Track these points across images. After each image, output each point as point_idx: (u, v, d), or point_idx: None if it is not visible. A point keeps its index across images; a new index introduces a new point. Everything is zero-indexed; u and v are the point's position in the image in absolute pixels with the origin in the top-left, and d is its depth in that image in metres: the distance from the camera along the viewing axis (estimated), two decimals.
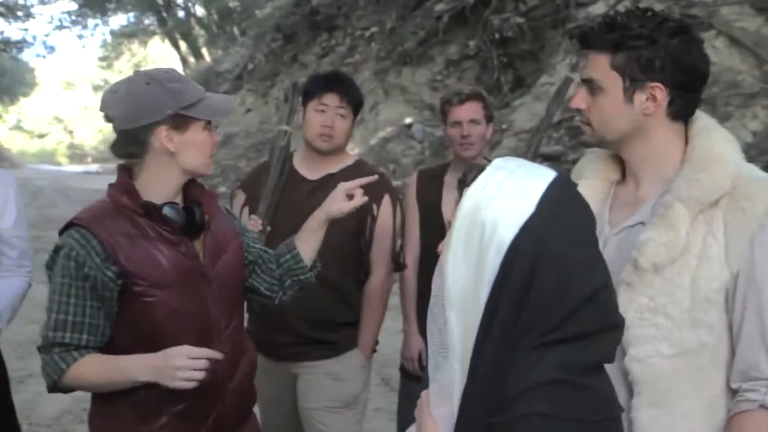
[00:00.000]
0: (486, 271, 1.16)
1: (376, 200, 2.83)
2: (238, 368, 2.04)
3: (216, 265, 2.00)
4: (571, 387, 1.16)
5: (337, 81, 2.89)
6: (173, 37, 28.47)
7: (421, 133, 11.18)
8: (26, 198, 15.96)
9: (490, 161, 1.28)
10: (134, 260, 1.86)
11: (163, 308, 1.89)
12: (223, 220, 2.10)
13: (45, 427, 4.56)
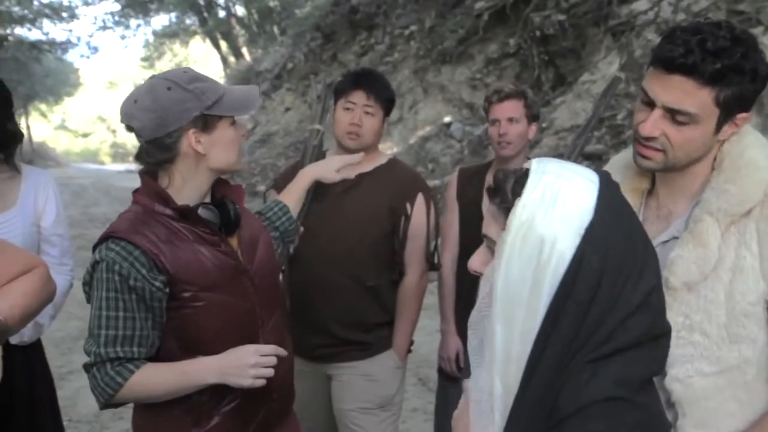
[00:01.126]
0: (545, 283, 1.12)
1: (409, 199, 2.81)
2: (283, 363, 1.98)
3: (254, 260, 2.00)
4: (628, 405, 1.12)
5: (365, 78, 2.85)
6: (214, 37, 28.72)
7: (460, 132, 11.11)
8: (69, 196, 16.32)
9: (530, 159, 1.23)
10: (180, 266, 1.83)
11: (212, 310, 1.87)
12: (248, 214, 2.10)
13: (85, 424, 4.59)
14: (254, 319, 1.97)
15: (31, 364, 2.65)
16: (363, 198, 2.78)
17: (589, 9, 10.06)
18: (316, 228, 2.69)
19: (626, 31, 9.14)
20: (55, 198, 2.71)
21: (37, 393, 2.66)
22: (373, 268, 2.75)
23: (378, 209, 2.78)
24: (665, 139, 1.55)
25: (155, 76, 1.89)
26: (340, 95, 2.83)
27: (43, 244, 2.67)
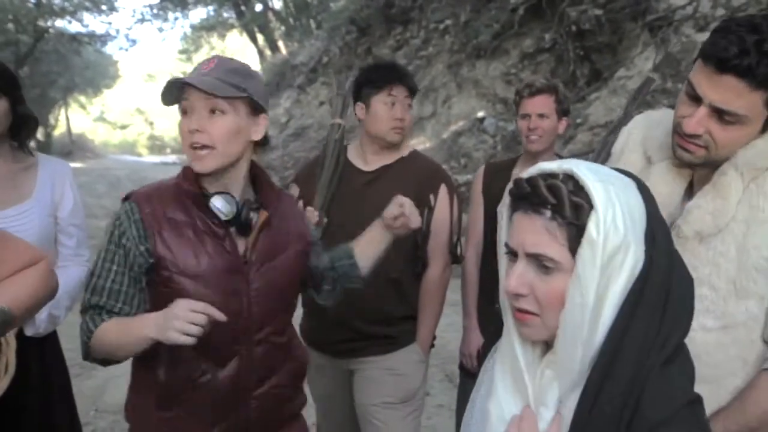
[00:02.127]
0: (611, 295, 1.11)
1: (433, 191, 2.80)
2: (274, 374, 1.97)
3: (264, 265, 1.94)
4: (701, 405, 1.13)
5: (401, 72, 2.86)
6: (251, 30, 28.86)
7: (494, 128, 11.05)
8: (105, 188, 16.52)
9: (560, 156, 1.20)
10: (168, 245, 1.84)
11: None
12: (294, 223, 2.05)
13: (111, 414, 4.64)
14: (241, 321, 1.89)
15: (47, 356, 2.64)
16: (385, 190, 2.75)
17: (626, 4, 9.92)
18: (338, 220, 2.70)
19: (664, 26, 9.02)
20: (72, 188, 2.69)
21: (52, 385, 2.65)
22: (395, 260, 2.71)
23: None
24: (709, 137, 1.52)
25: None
26: (378, 89, 2.80)
27: (59, 235, 2.66)
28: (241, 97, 1.83)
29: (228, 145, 1.83)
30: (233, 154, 1.85)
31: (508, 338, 1.25)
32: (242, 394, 1.92)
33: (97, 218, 11.78)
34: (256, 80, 1.89)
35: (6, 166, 2.56)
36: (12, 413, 2.41)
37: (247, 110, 1.86)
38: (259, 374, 1.94)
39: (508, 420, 1.21)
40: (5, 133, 2.52)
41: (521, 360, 1.22)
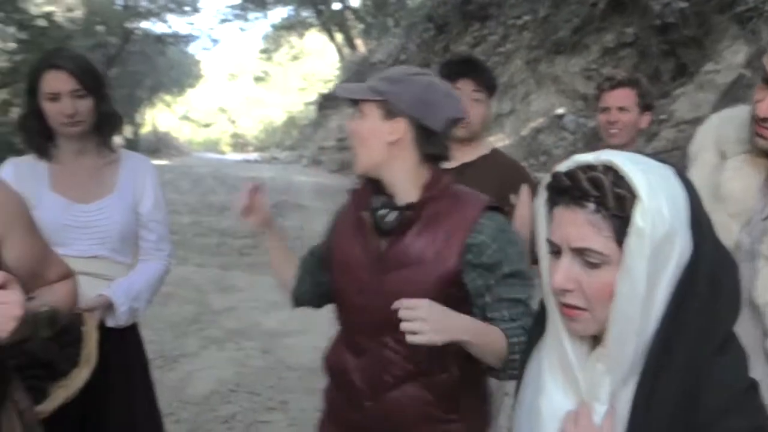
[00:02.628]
0: (661, 285, 1.09)
1: (514, 190, 2.77)
2: (402, 382, 1.90)
3: (387, 274, 1.90)
4: (757, 390, 1.11)
5: (470, 66, 2.84)
6: (329, 29, 29.16)
7: (574, 124, 10.87)
8: (188, 185, 16.89)
9: (640, 152, 1.18)
10: (338, 245, 2.03)
11: (338, 292, 2.03)
12: (435, 240, 1.87)
13: (193, 405, 4.73)
14: (366, 318, 1.93)
15: (127, 346, 2.69)
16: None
17: None
18: None
19: (754, 17, 8.70)
20: (153, 184, 2.73)
21: (132, 375, 2.71)
22: None
23: None
24: None
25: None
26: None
27: (140, 230, 2.71)
28: (376, 100, 1.87)
29: (363, 147, 1.91)
30: (372, 155, 1.90)
31: (554, 334, 1.23)
32: (372, 390, 1.93)
33: (180, 214, 12.11)
34: (405, 85, 1.88)
35: (90, 162, 2.64)
36: (95, 402, 2.49)
37: (381, 113, 1.87)
38: (382, 377, 1.90)
39: (560, 416, 1.19)
40: (90, 130, 2.61)
41: (571, 355, 1.20)
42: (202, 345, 5.97)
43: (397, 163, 1.89)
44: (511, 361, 1.77)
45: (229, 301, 7.27)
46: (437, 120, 1.87)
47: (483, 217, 1.85)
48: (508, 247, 1.84)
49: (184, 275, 7.95)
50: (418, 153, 1.89)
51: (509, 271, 1.83)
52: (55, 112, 2.50)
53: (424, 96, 1.86)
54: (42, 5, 21.34)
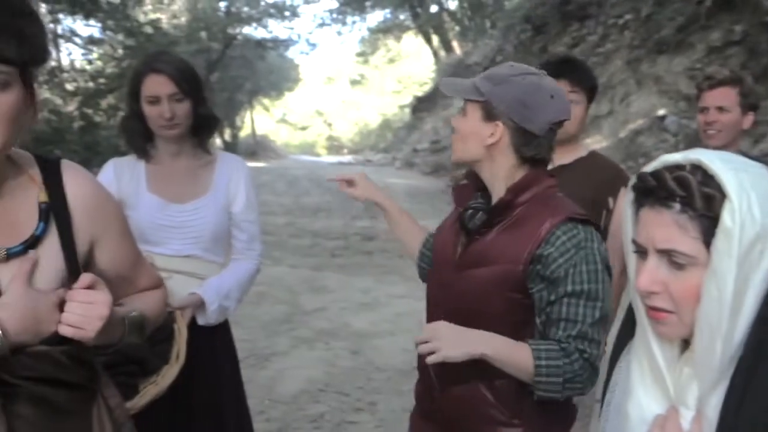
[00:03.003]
0: (751, 289, 1.05)
1: (612, 194, 2.69)
2: (462, 382, 1.92)
3: (462, 271, 1.92)
4: None
5: (567, 66, 2.76)
6: (426, 31, 29.20)
7: (676, 126, 10.51)
8: (284, 186, 17.19)
9: (745, 155, 1.12)
10: (436, 239, 2.12)
11: (427, 284, 2.11)
12: (510, 244, 1.85)
13: (283, 404, 4.79)
14: (441, 315, 1.91)
15: (217, 345, 2.73)
16: (561, 190, 2.69)
17: None
18: None
19: None
20: (246, 185, 2.76)
21: (221, 372, 2.74)
22: None
23: (578, 202, 2.68)
24: None
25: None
26: None
27: (233, 229, 2.75)
28: (478, 100, 1.88)
29: (461, 143, 1.94)
30: (467, 154, 1.93)
31: (643, 337, 1.20)
32: (441, 383, 1.98)
33: (275, 215, 12.34)
34: (505, 86, 1.86)
35: (186, 163, 2.70)
36: (184, 398, 2.55)
37: (481, 114, 1.88)
38: (450, 372, 1.89)
39: (648, 421, 1.16)
40: (187, 132, 2.66)
41: (660, 359, 1.16)
42: (292, 344, 6.06)
43: (494, 164, 1.90)
44: (538, 382, 1.76)
45: (320, 302, 7.35)
46: (538, 123, 1.84)
47: (559, 229, 1.80)
48: (578, 264, 1.78)
49: (277, 275, 8.08)
50: (515, 156, 1.88)
51: (572, 289, 1.78)
52: (155, 115, 2.56)
53: (525, 98, 1.83)
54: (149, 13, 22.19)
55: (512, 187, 1.87)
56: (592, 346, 1.78)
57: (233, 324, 2.86)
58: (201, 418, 2.66)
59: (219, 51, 27.73)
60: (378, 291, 7.74)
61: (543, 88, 1.85)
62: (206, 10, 26.92)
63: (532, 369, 1.76)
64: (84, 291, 1.37)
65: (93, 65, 17.23)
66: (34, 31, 1.29)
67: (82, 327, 1.34)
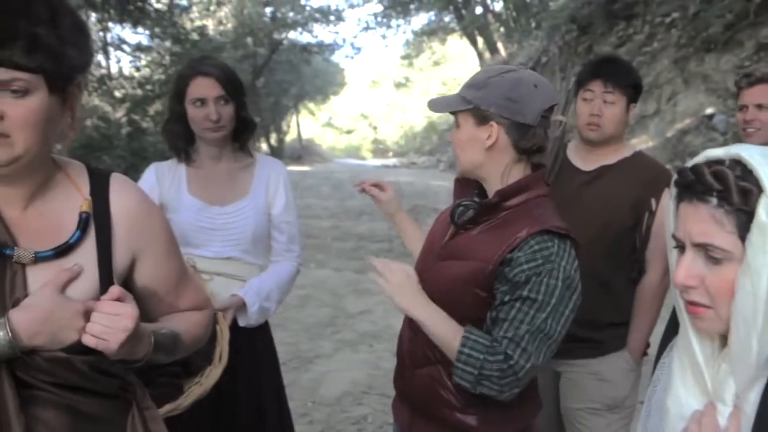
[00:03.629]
0: None
1: (655, 195, 2.66)
2: (429, 363, 1.99)
3: (444, 261, 1.98)
4: None
5: (604, 66, 2.74)
6: (470, 33, 29.08)
7: (724, 125, 10.31)
8: (329, 189, 17.28)
9: None
10: (431, 230, 2.16)
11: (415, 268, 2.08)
12: (486, 244, 1.88)
13: (326, 407, 4.81)
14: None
15: (258, 346, 2.76)
16: (605, 190, 2.68)
17: None
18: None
19: None
20: (285, 187, 2.80)
21: (262, 374, 2.77)
22: (610, 263, 2.64)
23: (621, 203, 2.66)
24: None
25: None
26: (581, 86, 2.76)
27: (272, 231, 2.78)
28: (467, 109, 1.92)
29: (464, 154, 1.97)
30: (470, 161, 1.96)
31: (684, 333, 1.19)
32: (411, 363, 2.06)
33: (320, 219, 12.42)
34: (489, 89, 1.89)
35: (226, 166, 2.75)
36: (226, 399, 2.58)
37: (474, 121, 1.92)
38: (417, 354, 2.01)
39: (687, 416, 1.16)
40: (229, 135, 2.71)
41: (699, 355, 1.16)
42: (336, 347, 6.08)
43: (494, 164, 1.93)
44: (455, 367, 1.81)
45: (363, 305, 7.37)
46: (529, 114, 1.87)
47: (533, 239, 1.81)
48: (541, 275, 1.79)
49: (321, 278, 8.14)
50: (514, 150, 1.92)
51: (526, 296, 1.79)
52: (201, 117, 2.61)
53: (510, 94, 1.87)
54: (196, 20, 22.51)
55: (501, 191, 1.90)
56: (522, 355, 1.77)
57: (277, 327, 2.90)
58: (242, 419, 2.69)
59: (265, 56, 28.00)
60: None
61: (524, 80, 1.89)
62: (252, 15, 27.16)
63: (455, 351, 1.81)
64: (111, 302, 1.36)
65: (141, 72, 17.56)
66: (54, 38, 1.28)
67: (105, 338, 1.33)
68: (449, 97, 2.02)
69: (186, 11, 20.39)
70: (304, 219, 2.89)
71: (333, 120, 49.49)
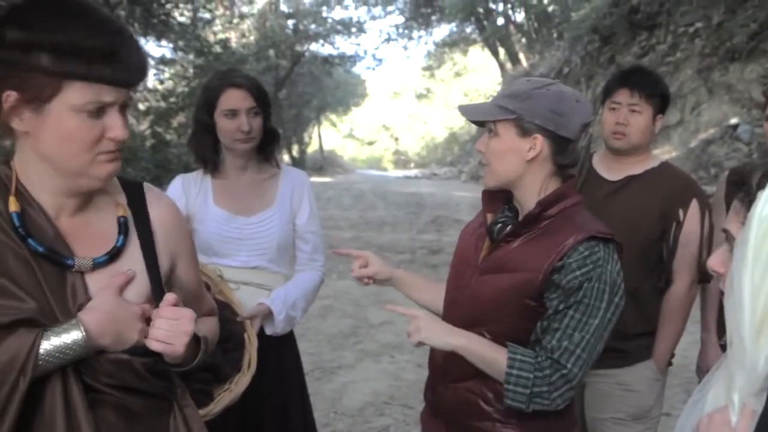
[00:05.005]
0: None
1: (682, 205, 2.65)
2: (468, 378, 1.96)
3: (484, 275, 1.96)
4: None
5: (631, 76, 2.75)
6: (492, 44, 29.08)
7: (749, 135, 10.23)
8: (350, 200, 17.26)
9: None
10: (459, 243, 2.14)
11: (447, 284, 2.12)
12: (532, 255, 1.87)
13: (348, 417, 4.82)
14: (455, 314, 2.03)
15: (284, 354, 2.78)
16: (631, 201, 2.67)
17: None
18: None
19: None
20: (309, 197, 2.83)
21: (288, 382, 2.79)
22: (637, 273, 2.61)
23: (647, 213, 2.66)
24: None
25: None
26: (608, 95, 2.77)
27: (297, 241, 2.81)
28: (509, 119, 1.89)
29: (500, 164, 1.93)
30: (508, 171, 1.93)
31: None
32: (444, 377, 2.04)
33: (341, 230, 12.43)
34: (534, 101, 1.88)
35: (251, 177, 2.78)
36: (254, 406, 2.60)
37: (516, 131, 1.89)
38: (453, 367, 1.97)
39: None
40: (256, 146, 2.74)
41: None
42: (358, 357, 6.09)
43: (530, 177, 1.92)
44: (506, 390, 1.81)
45: (385, 315, 7.33)
46: (572, 128, 1.87)
47: (582, 245, 1.82)
48: (593, 280, 1.80)
49: (343, 289, 8.14)
50: (552, 165, 1.91)
51: (579, 302, 1.80)
52: (233, 129, 2.64)
53: (556, 107, 1.86)
54: (219, 32, 22.68)
55: (542, 201, 1.89)
56: (576, 363, 1.80)
57: (299, 337, 2.91)
58: (269, 425, 2.71)
59: (287, 68, 28.12)
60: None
61: (567, 95, 1.89)
62: (274, 28, 27.29)
63: (503, 373, 1.82)
64: (171, 308, 1.43)
65: (164, 85, 17.71)
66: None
67: (170, 342, 1.40)
68: (484, 104, 2.00)
69: (209, 24, 20.52)
70: (326, 230, 2.91)
71: (354, 131, 49.53)
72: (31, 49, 1.28)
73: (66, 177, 1.39)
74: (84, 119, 1.34)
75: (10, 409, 1.26)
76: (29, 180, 1.40)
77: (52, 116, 1.33)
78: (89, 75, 1.31)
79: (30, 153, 1.38)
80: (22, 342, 1.29)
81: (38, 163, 1.38)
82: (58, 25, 1.30)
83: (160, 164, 12.92)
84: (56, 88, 1.30)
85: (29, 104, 1.31)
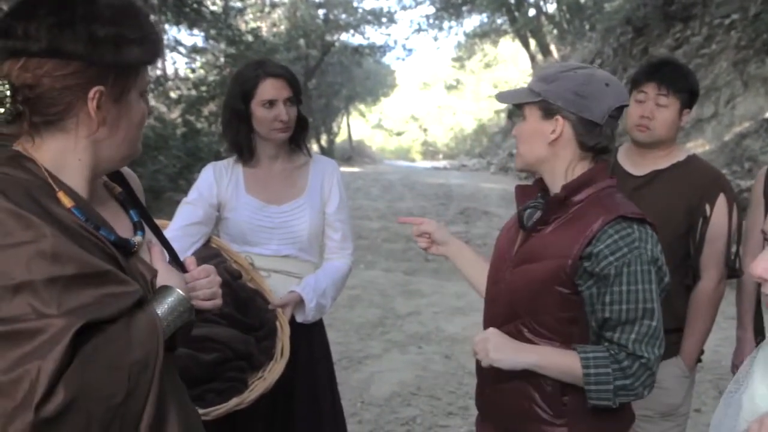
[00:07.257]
0: None
1: (709, 200, 2.62)
2: (507, 375, 1.93)
3: (520, 266, 1.95)
4: None
5: (658, 69, 2.71)
6: (523, 36, 28.85)
7: None
8: (378, 191, 17.27)
9: None
10: (498, 240, 2.14)
11: (487, 281, 2.12)
12: (562, 241, 1.85)
13: (375, 407, 4.84)
14: (494, 308, 2.04)
15: (314, 342, 2.80)
16: (657, 196, 2.65)
17: None
18: None
19: None
20: (339, 186, 2.84)
21: (318, 370, 2.81)
22: None
23: (673, 209, 2.63)
24: None
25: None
26: (635, 87, 2.74)
27: (326, 229, 2.82)
28: (534, 101, 1.90)
29: (525, 146, 1.95)
30: (533, 154, 1.95)
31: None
32: (492, 378, 2.01)
33: (370, 220, 12.44)
34: (559, 83, 1.88)
35: (282, 166, 2.80)
36: (285, 394, 2.62)
37: (540, 114, 1.91)
38: (497, 372, 1.92)
39: (760, 413, 1.14)
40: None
41: None
42: (385, 348, 6.11)
43: (558, 160, 1.91)
44: (588, 391, 1.79)
45: (413, 306, 7.38)
46: (597, 111, 1.85)
47: (611, 227, 1.79)
48: (632, 264, 1.77)
49: (370, 279, 8.16)
50: (578, 147, 1.89)
51: (627, 290, 1.78)
52: (271, 118, 2.65)
53: (580, 89, 1.85)
54: (250, 22, 22.75)
55: (567, 184, 1.89)
56: (650, 350, 1.79)
57: (327, 326, 2.93)
58: (300, 414, 2.73)
59: (317, 58, 28.15)
60: (471, 295, 7.66)
61: (596, 77, 1.87)
62: (305, 17, 27.31)
63: (581, 377, 1.80)
64: (200, 269, 1.56)
65: (195, 74, 17.79)
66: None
67: (214, 297, 1.55)
68: (519, 89, 2.02)
69: (240, 13, 20.57)
70: (354, 220, 2.91)
71: (383, 122, 49.44)
72: (122, 43, 1.31)
73: (116, 161, 1.44)
74: (142, 102, 1.42)
75: (156, 376, 1.28)
76: (62, 173, 1.35)
77: (130, 103, 1.39)
78: (152, 59, 1.39)
79: (74, 144, 1.35)
80: (151, 313, 1.33)
81: (82, 153, 1.36)
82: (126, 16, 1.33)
83: (191, 152, 12.95)
84: (138, 76, 1.38)
85: (116, 96, 1.35)
